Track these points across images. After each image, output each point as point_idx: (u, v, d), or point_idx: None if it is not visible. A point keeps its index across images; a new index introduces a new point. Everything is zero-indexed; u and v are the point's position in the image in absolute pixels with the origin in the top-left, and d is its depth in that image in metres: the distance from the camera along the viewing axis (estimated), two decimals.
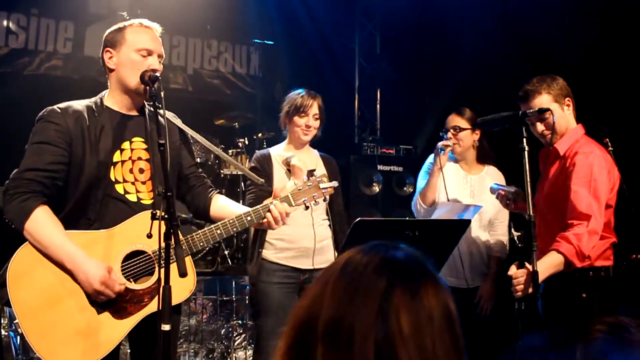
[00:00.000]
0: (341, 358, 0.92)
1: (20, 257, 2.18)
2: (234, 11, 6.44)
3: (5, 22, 5.81)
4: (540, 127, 2.87)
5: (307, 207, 2.56)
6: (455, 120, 3.61)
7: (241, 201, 3.24)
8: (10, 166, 2.31)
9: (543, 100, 2.82)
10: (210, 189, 2.63)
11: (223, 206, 2.58)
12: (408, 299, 0.93)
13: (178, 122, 2.57)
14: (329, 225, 3.24)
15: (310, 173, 2.67)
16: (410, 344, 0.91)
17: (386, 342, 0.91)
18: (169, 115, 2.52)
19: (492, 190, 3.18)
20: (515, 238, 2.78)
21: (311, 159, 3.31)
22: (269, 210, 2.41)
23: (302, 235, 3.14)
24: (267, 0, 6.39)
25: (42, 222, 2.18)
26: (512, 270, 2.63)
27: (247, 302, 4.39)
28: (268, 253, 3.15)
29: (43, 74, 5.95)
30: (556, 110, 2.81)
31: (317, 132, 3.32)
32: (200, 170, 2.67)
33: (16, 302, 2.14)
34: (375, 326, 0.91)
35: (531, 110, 2.78)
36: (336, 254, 3.22)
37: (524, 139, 2.62)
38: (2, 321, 3.82)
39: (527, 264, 2.55)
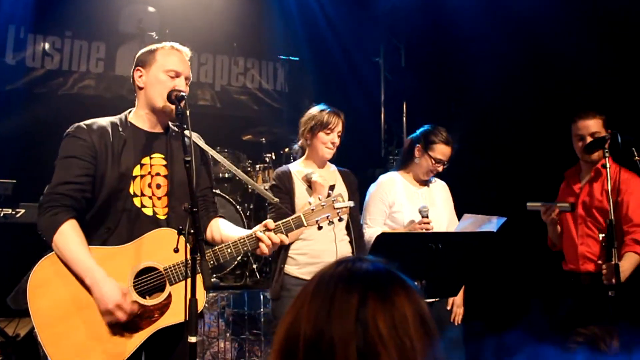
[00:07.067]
0: None
1: (40, 268, 2.27)
2: (259, 29, 6.56)
3: (42, 45, 6.04)
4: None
5: (320, 227, 2.54)
6: (447, 151, 3.48)
7: (268, 216, 3.26)
8: (48, 183, 2.40)
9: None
10: (211, 213, 2.67)
11: (218, 230, 2.60)
12: (381, 304, 0.98)
13: (201, 142, 2.63)
14: (349, 242, 3.23)
15: (331, 188, 2.69)
16: (390, 345, 0.95)
17: (367, 347, 0.95)
18: (194, 135, 2.55)
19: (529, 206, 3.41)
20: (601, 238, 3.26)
21: (330, 174, 3.29)
22: (261, 239, 2.42)
23: (325, 251, 3.14)
24: (292, 17, 6.49)
25: (68, 236, 2.27)
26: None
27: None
28: (291, 269, 3.15)
29: (77, 94, 6.14)
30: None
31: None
32: (212, 194, 2.72)
33: (35, 312, 2.22)
34: (355, 334, 0.96)
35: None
36: None
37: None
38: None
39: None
